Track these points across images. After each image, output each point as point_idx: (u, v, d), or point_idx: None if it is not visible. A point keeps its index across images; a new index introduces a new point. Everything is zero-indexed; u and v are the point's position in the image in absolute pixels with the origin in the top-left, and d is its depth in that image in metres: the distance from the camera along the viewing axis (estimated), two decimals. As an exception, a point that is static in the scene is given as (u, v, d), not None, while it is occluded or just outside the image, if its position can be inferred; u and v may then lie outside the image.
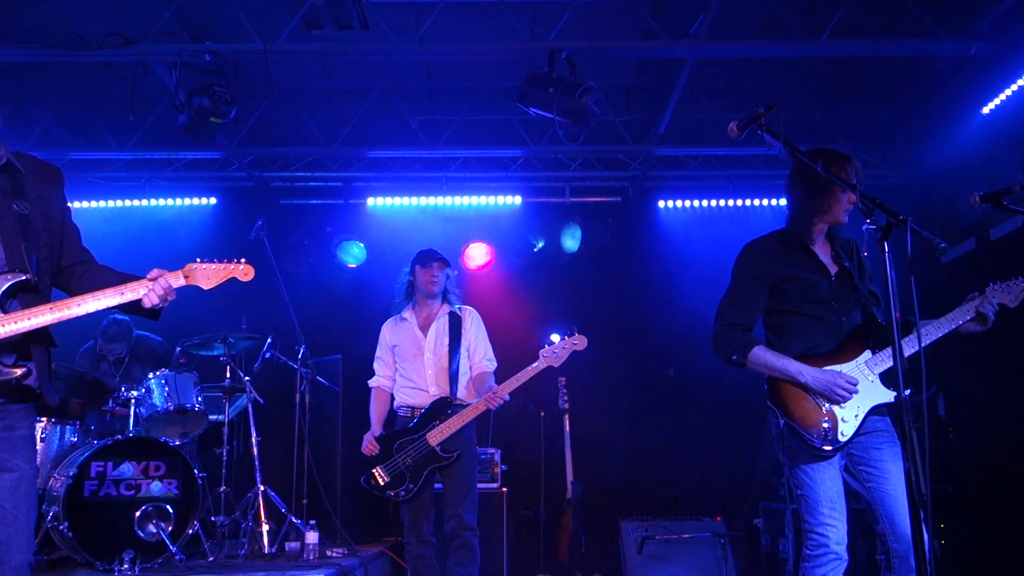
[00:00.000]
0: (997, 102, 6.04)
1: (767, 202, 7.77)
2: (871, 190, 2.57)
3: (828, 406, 3.03)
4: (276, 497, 5.46)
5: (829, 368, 3.06)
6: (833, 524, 2.98)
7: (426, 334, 4.52)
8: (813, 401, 3.05)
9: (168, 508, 4.81)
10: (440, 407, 4.32)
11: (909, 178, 7.41)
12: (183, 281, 2.65)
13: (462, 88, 6.87)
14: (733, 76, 6.63)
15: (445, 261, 4.58)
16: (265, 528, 5.21)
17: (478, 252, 7.63)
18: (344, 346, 6.86)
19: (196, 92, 5.55)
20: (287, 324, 5.86)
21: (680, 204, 7.89)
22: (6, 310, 2.37)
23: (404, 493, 4.22)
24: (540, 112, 5.44)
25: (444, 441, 4.23)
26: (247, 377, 5.63)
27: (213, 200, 7.94)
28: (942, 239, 2.45)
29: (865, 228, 2.46)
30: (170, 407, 5.36)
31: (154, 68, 5.71)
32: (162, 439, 5.08)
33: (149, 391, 5.39)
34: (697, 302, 6.35)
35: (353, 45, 5.59)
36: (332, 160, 7.67)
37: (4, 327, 2.33)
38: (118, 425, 5.48)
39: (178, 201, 7.90)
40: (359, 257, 7.74)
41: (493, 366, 4.56)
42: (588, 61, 5.61)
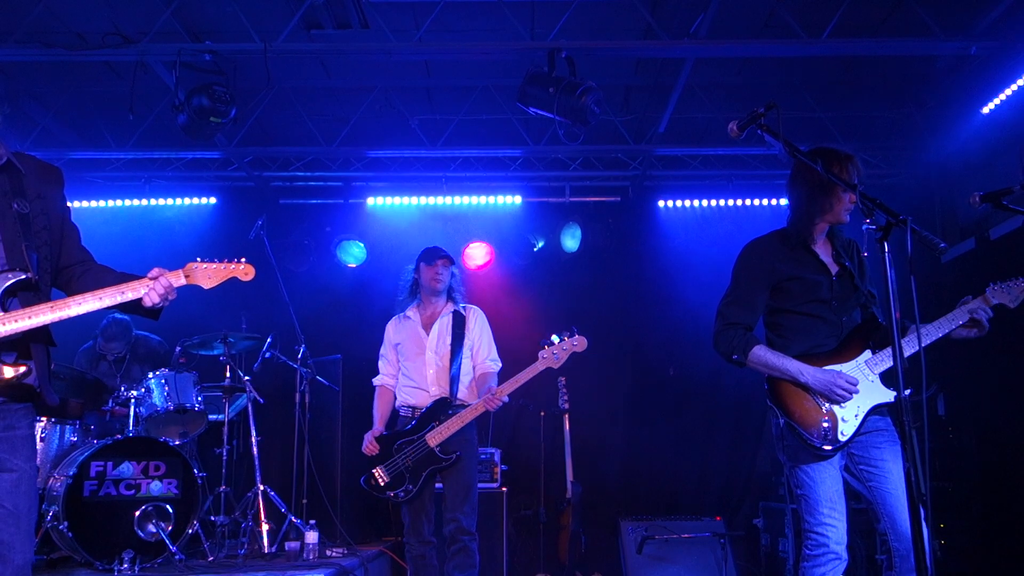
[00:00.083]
0: (997, 102, 6.04)
1: (767, 202, 7.77)
2: (871, 190, 2.57)
3: (828, 406, 3.03)
4: (276, 497, 5.45)
5: (829, 368, 3.06)
6: (833, 524, 2.98)
7: (429, 332, 4.47)
8: (813, 401, 3.05)
9: (168, 508, 4.79)
10: (440, 408, 4.28)
11: (909, 178, 7.40)
12: (184, 280, 2.65)
13: (462, 87, 6.87)
14: (733, 75, 6.63)
15: (450, 259, 4.53)
16: (265, 528, 5.21)
17: (478, 252, 7.63)
18: (344, 346, 6.86)
19: (196, 91, 5.55)
20: (287, 324, 5.86)
21: (680, 204, 7.88)
22: (6, 308, 2.36)
23: (403, 494, 4.20)
24: (540, 112, 5.44)
25: (443, 442, 4.19)
26: (247, 377, 5.62)
27: (213, 200, 7.93)
28: (942, 239, 2.45)
29: (865, 228, 2.45)
30: (170, 407, 5.36)
31: (153, 67, 5.70)
32: (162, 439, 5.07)
33: (149, 391, 5.39)
34: (697, 302, 6.39)
35: (353, 44, 5.59)
36: (332, 160, 7.66)
37: (4, 325, 2.33)
38: (118, 425, 5.48)
39: (178, 201, 7.89)
40: (359, 257, 7.74)
41: (497, 367, 4.49)
42: (588, 60, 5.62)
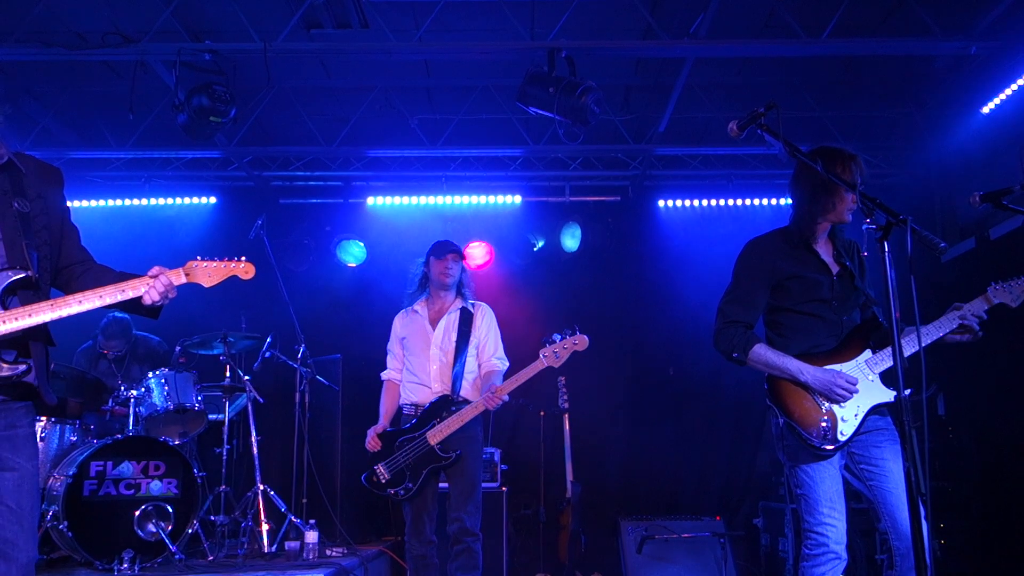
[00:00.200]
0: (997, 101, 6.05)
1: (767, 201, 7.77)
2: (871, 189, 2.57)
3: (828, 405, 3.03)
4: (276, 496, 5.45)
5: (829, 367, 3.06)
6: (833, 523, 2.98)
7: (435, 328, 4.40)
8: (813, 400, 3.05)
9: (168, 507, 4.79)
10: (442, 405, 4.24)
11: (909, 177, 7.41)
12: (184, 279, 2.65)
13: (462, 87, 6.87)
14: (733, 75, 6.63)
15: (460, 253, 4.46)
16: (265, 527, 5.21)
17: (478, 251, 7.62)
18: (344, 345, 6.86)
19: (195, 91, 5.56)
20: (287, 323, 5.85)
21: (680, 203, 7.89)
22: (6, 307, 2.36)
23: (403, 492, 4.18)
24: (540, 111, 5.44)
25: (443, 441, 4.16)
26: (247, 376, 5.62)
27: (213, 199, 7.93)
28: (942, 238, 2.45)
29: (865, 228, 2.45)
30: (170, 406, 5.36)
31: (153, 67, 5.71)
32: (162, 438, 5.07)
33: (149, 390, 5.39)
34: (697, 302, 6.39)
35: (352, 44, 5.59)
36: (332, 159, 7.66)
37: (4, 324, 2.33)
38: (118, 424, 5.48)
39: (178, 200, 7.89)
40: (359, 256, 7.74)
41: (503, 366, 4.42)
42: (588, 60, 5.62)
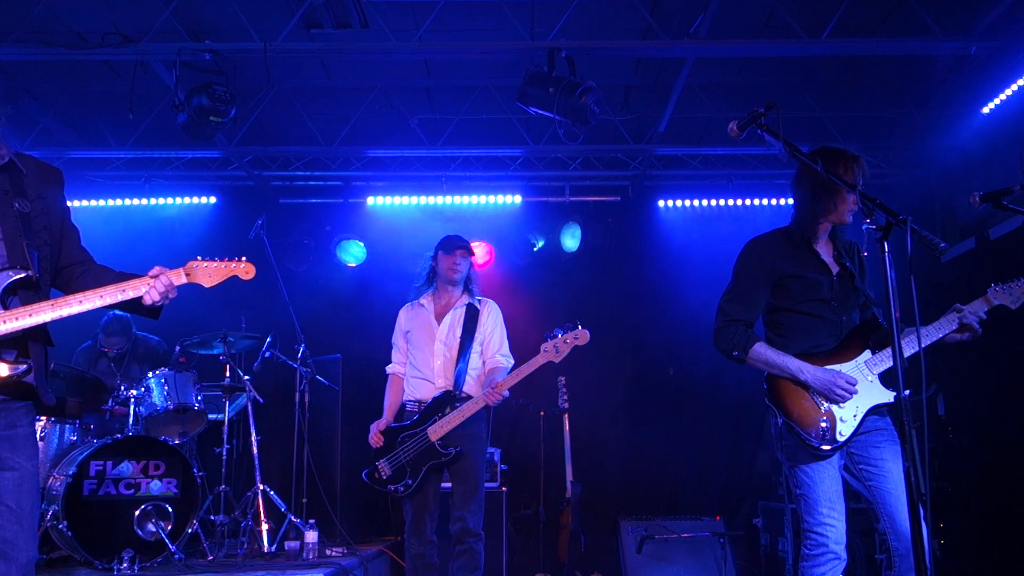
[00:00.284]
0: (997, 102, 6.05)
1: (767, 201, 7.76)
2: (871, 189, 2.57)
3: (827, 405, 3.03)
4: (275, 496, 5.45)
5: (829, 368, 3.06)
6: (832, 524, 2.98)
7: (440, 323, 4.37)
8: (812, 400, 3.05)
9: (167, 507, 4.79)
10: (444, 401, 4.19)
11: (909, 177, 7.41)
12: (184, 279, 2.65)
13: (462, 87, 6.87)
14: (733, 75, 6.62)
15: (469, 249, 4.42)
16: (264, 527, 5.21)
17: (478, 251, 7.59)
18: (344, 345, 6.86)
19: (195, 91, 5.55)
20: (287, 323, 5.85)
21: (680, 203, 7.88)
22: (7, 306, 2.36)
23: (402, 488, 4.15)
24: (540, 111, 5.44)
25: (444, 437, 4.12)
26: (247, 376, 5.61)
27: (213, 199, 7.93)
28: (942, 239, 2.45)
29: (865, 228, 2.45)
30: (170, 406, 5.35)
31: (153, 67, 5.71)
32: (161, 438, 5.07)
33: (149, 390, 5.39)
34: (697, 302, 6.38)
35: (353, 44, 5.59)
36: (332, 159, 7.66)
37: (5, 323, 2.33)
38: (117, 424, 5.47)
39: (178, 200, 7.89)
40: (359, 256, 7.74)
41: (507, 363, 4.37)
42: (588, 60, 5.61)
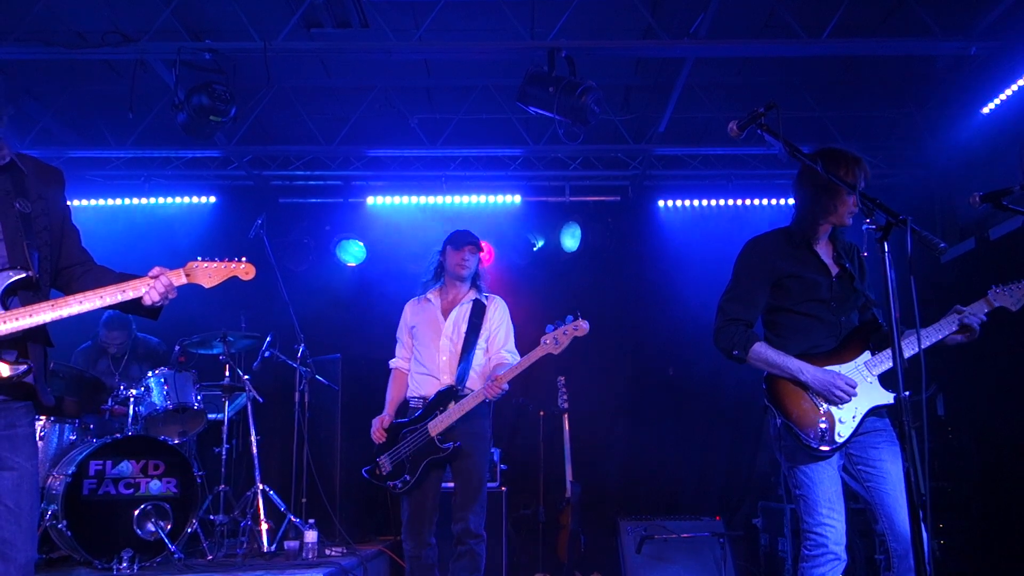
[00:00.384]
0: (997, 102, 6.05)
1: (767, 202, 7.74)
2: (871, 189, 2.57)
3: (826, 406, 3.03)
4: (275, 496, 5.45)
5: (829, 368, 3.06)
6: (832, 524, 2.98)
7: (446, 318, 4.33)
8: (811, 401, 3.04)
9: (167, 507, 4.79)
10: (446, 397, 4.14)
11: (909, 177, 7.41)
12: (184, 279, 2.65)
13: (462, 87, 6.87)
14: (733, 75, 6.62)
15: (478, 245, 4.37)
16: (264, 527, 5.20)
17: (479, 251, 7.62)
18: (343, 345, 6.86)
19: (195, 90, 5.55)
20: (286, 323, 5.84)
21: (679, 203, 7.88)
22: (7, 307, 2.36)
23: (400, 484, 4.11)
24: (540, 111, 5.44)
25: (443, 432, 4.07)
26: (246, 376, 5.61)
27: (212, 198, 7.93)
28: (942, 239, 2.45)
29: (865, 228, 2.45)
30: (169, 406, 5.35)
31: (153, 66, 5.70)
32: (161, 438, 5.07)
33: (148, 390, 5.39)
34: (696, 302, 6.38)
35: (352, 43, 5.59)
36: (331, 159, 7.66)
37: (6, 324, 2.33)
38: (117, 424, 5.47)
39: (177, 199, 7.89)
40: (358, 256, 7.73)
41: (512, 359, 4.29)
42: (588, 60, 5.61)
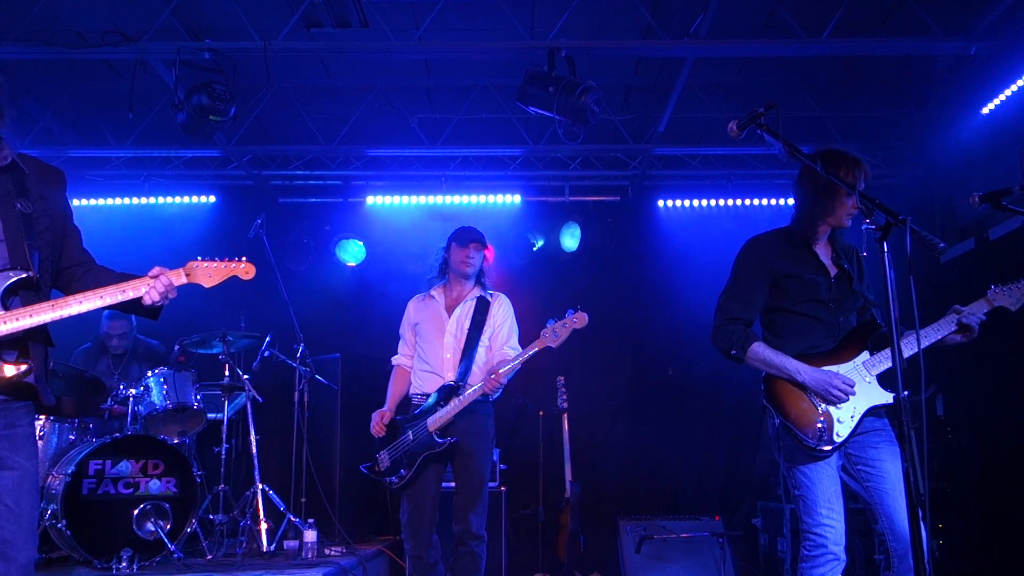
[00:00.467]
0: (997, 102, 6.05)
1: (766, 202, 7.76)
2: (871, 189, 2.58)
3: (824, 406, 3.03)
4: (275, 496, 5.44)
5: (826, 368, 3.06)
6: (831, 524, 2.98)
7: (450, 315, 4.29)
8: (809, 401, 3.04)
9: (166, 506, 4.79)
10: (448, 393, 4.12)
11: (909, 177, 7.41)
12: (184, 279, 2.65)
13: (461, 87, 6.87)
14: (733, 75, 6.62)
15: (483, 243, 4.33)
16: (263, 526, 5.20)
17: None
18: (343, 345, 6.86)
19: (195, 90, 5.55)
20: (286, 322, 5.84)
21: (679, 203, 7.89)
22: (8, 307, 2.37)
23: (396, 480, 4.09)
24: (540, 111, 5.44)
25: (442, 427, 4.04)
26: (246, 375, 5.61)
27: (212, 198, 7.93)
28: (941, 239, 2.45)
29: (865, 228, 2.46)
30: (169, 405, 5.35)
31: (153, 66, 5.70)
32: (161, 437, 5.07)
33: (148, 389, 5.38)
34: (696, 302, 6.38)
35: (352, 43, 5.59)
36: (331, 158, 7.66)
37: (6, 324, 2.33)
38: (116, 423, 5.47)
39: (177, 199, 7.89)
40: (358, 255, 7.73)
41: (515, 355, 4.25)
42: (588, 60, 5.61)
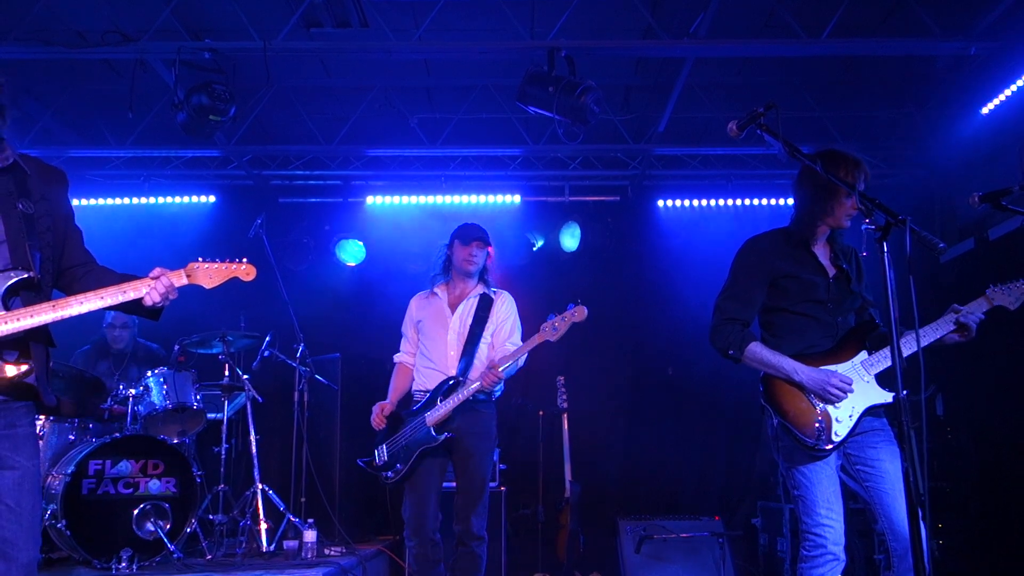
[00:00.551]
0: (997, 102, 6.05)
1: (766, 202, 7.77)
2: (871, 189, 2.58)
3: (822, 406, 3.03)
4: (274, 495, 5.44)
5: (824, 368, 3.06)
6: (830, 524, 2.98)
7: (454, 313, 4.26)
8: (807, 401, 3.04)
9: (166, 506, 4.79)
10: (447, 388, 4.09)
11: (909, 177, 7.41)
12: (185, 280, 2.65)
13: (461, 87, 6.87)
14: (733, 75, 6.63)
15: (486, 240, 4.29)
16: (263, 526, 5.20)
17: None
18: (343, 344, 6.86)
19: (195, 90, 5.55)
20: (286, 322, 5.84)
21: (679, 203, 7.89)
22: (8, 307, 2.37)
23: (392, 474, 4.07)
24: (539, 111, 5.44)
25: (439, 422, 4.01)
26: (246, 375, 5.61)
27: (212, 198, 7.93)
28: (941, 239, 2.45)
29: (864, 228, 2.46)
30: (169, 405, 5.35)
31: (153, 65, 5.70)
32: (160, 437, 5.07)
33: (148, 389, 5.38)
34: (696, 301, 6.37)
35: (352, 43, 5.59)
36: (331, 158, 7.66)
37: (7, 324, 2.33)
38: (116, 423, 5.47)
39: (177, 199, 7.89)
40: (358, 255, 7.73)
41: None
42: (588, 60, 5.62)
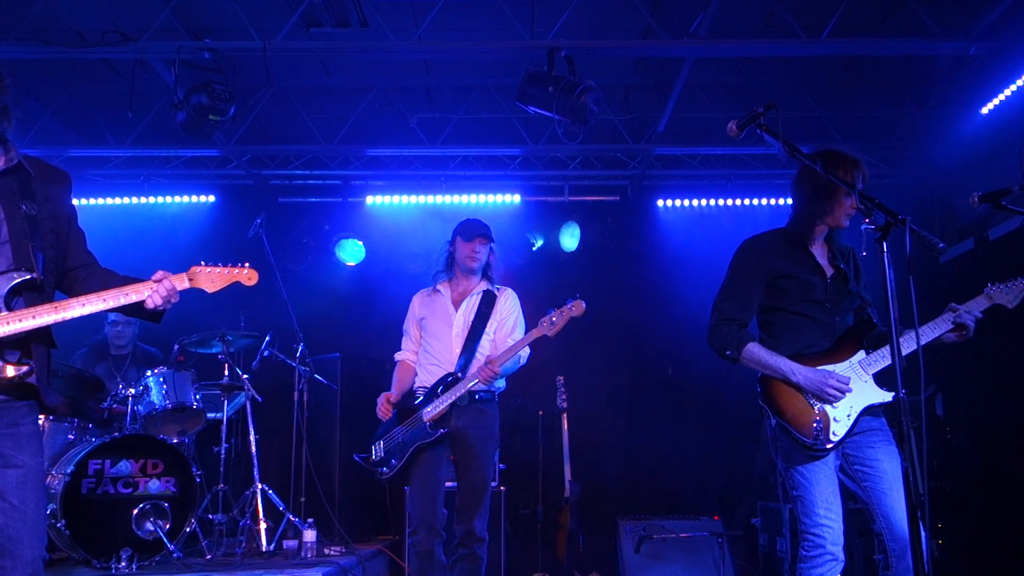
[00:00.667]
0: (996, 102, 6.05)
1: (766, 201, 7.77)
2: (871, 190, 2.58)
3: (820, 406, 3.03)
4: (274, 495, 5.44)
5: (822, 368, 3.06)
6: (829, 525, 2.98)
7: (457, 309, 4.23)
8: (805, 401, 3.04)
9: (166, 506, 4.79)
10: (446, 383, 4.07)
11: (909, 177, 7.42)
12: (187, 284, 2.65)
13: (461, 86, 6.87)
14: (733, 75, 6.63)
15: (489, 237, 4.25)
16: (263, 526, 5.20)
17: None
18: (342, 344, 6.86)
19: (195, 89, 5.55)
20: (286, 322, 5.84)
21: (679, 203, 7.89)
22: (11, 308, 2.37)
23: (386, 470, 4.06)
24: (539, 111, 5.44)
25: (435, 418, 4.00)
26: (245, 375, 5.61)
27: (212, 198, 7.93)
28: (941, 239, 2.45)
29: (864, 228, 2.46)
30: (168, 405, 5.35)
31: (153, 65, 5.70)
32: (160, 437, 5.07)
33: (147, 389, 5.38)
34: (696, 301, 6.35)
35: (352, 43, 5.59)
36: (331, 158, 7.66)
37: (9, 324, 2.33)
38: (116, 423, 5.47)
39: (177, 199, 7.88)
40: (358, 255, 7.73)
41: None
42: (587, 60, 5.62)
